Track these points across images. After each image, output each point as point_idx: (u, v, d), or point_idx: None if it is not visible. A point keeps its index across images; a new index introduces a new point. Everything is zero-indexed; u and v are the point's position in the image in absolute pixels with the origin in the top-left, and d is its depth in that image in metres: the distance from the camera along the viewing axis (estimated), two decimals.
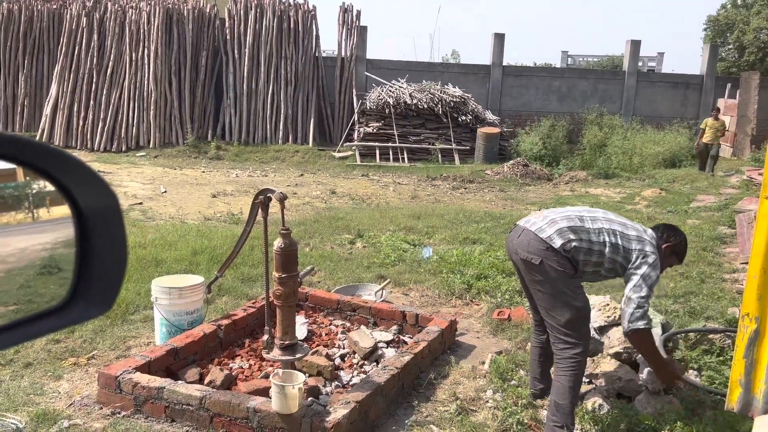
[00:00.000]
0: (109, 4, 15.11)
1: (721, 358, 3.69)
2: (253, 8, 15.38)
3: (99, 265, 0.73)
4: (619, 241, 2.93)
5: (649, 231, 3.10)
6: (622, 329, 2.91)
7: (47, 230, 0.88)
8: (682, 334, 3.96)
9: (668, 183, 12.15)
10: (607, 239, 2.93)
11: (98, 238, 0.72)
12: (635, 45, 17.32)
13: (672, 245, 3.13)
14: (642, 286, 2.83)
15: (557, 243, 2.88)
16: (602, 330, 3.97)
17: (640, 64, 21.16)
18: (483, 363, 3.92)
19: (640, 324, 2.80)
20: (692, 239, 7.15)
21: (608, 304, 4.09)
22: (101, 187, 0.70)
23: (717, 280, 5.63)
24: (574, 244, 2.90)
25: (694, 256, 6.35)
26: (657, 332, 3.85)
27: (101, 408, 3.15)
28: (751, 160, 14.26)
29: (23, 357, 3.67)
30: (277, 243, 3.08)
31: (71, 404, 3.19)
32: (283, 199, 3.08)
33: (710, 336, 3.91)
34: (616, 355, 3.61)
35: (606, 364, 3.55)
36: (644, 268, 2.85)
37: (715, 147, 13.24)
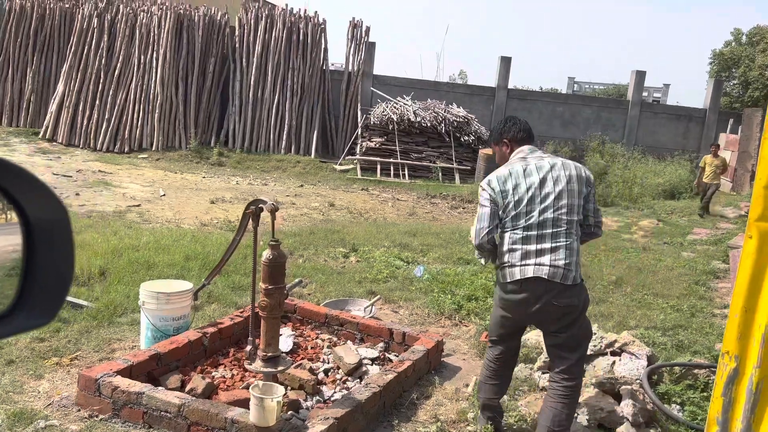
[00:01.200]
0: (121, 6, 15.24)
1: (704, 393, 3.68)
2: (263, 18, 15.51)
3: (43, 278, 0.73)
4: (578, 201, 2.97)
5: (568, 163, 3.05)
6: (597, 234, 3.14)
7: (19, 232, 0.89)
8: (668, 368, 3.95)
9: (666, 214, 12.16)
10: (579, 213, 2.98)
11: (45, 250, 0.73)
12: (640, 75, 17.43)
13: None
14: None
15: (580, 272, 2.96)
16: (588, 359, 3.97)
17: (645, 94, 21.29)
18: (467, 385, 3.90)
19: None
20: (686, 272, 7.16)
21: (595, 334, 4.09)
22: (52, 200, 0.70)
23: (707, 314, 5.62)
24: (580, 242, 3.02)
25: (686, 290, 6.35)
26: (642, 364, 3.85)
27: (79, 410, 3.14)
28: (749, 196, 14.29)
29: (6, 354, 3.67)
30: (266, 254, 3.09)
31: (50, 404, 3.18)
32: (274, 210, 3.10)
33: (695, 371, 3.91)
34: (599, 385, 3.60)
35: (588, 394, 3.54)
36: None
37: (713, 187, 11.94)
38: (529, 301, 2.89)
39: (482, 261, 3.12)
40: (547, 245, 2.86)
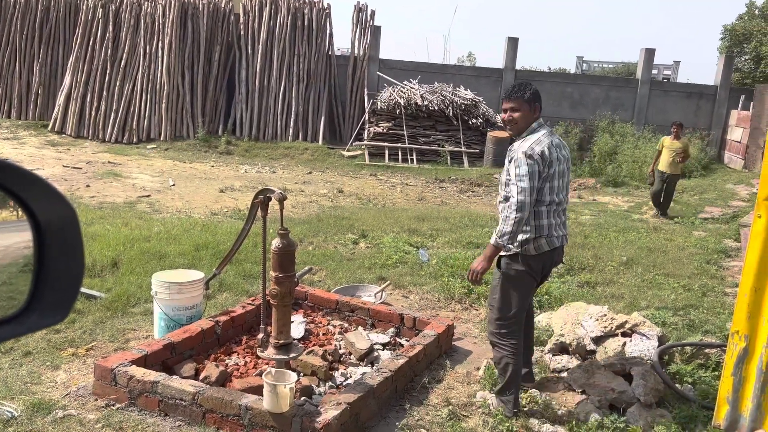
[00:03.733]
0: None
1: (716, 372, 3.68)
2: (267, 5, 15.43)
3: (55, 277, 0.75)
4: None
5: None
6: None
7: (30, 228, 0.91)
8: (679, 348, 3.96)
9: (677, 193, 12.07)
10: None
11: (56, 251, 0.74)
12: (649, 53, 17.22)
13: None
14: None
15: None
16: (598, 340, 3.98)
17: (655, 72, 21.03)
18: (478, 369, 3.93)
19: None
20: (697, 251, 7.13)
21: (605, 315, 4.10)
22: (59, 200, 0.72)
23: (719, 293, 5.60)
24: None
25: (697, 269, 6.33)
26: (653, 344, 3.85)
27: (96, 399, 3.19)
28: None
29: (23, 346, 3.73)
30: (275, 243, 3.11)
31: (67, 394, 3.24)
32: (282, 199, 3.11)
33: (706, 350, 3.91)
34: (610, 366, 3.61)
35: (599, 375, 3.55)
36: None
37: (673, 180, 9.47)
38: (552, 260, 3.32)
39: (510, 246, 3.14)
40: (563, 219, 3.30)
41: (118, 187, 9.51)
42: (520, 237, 3.12)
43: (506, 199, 3.11)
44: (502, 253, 3.19)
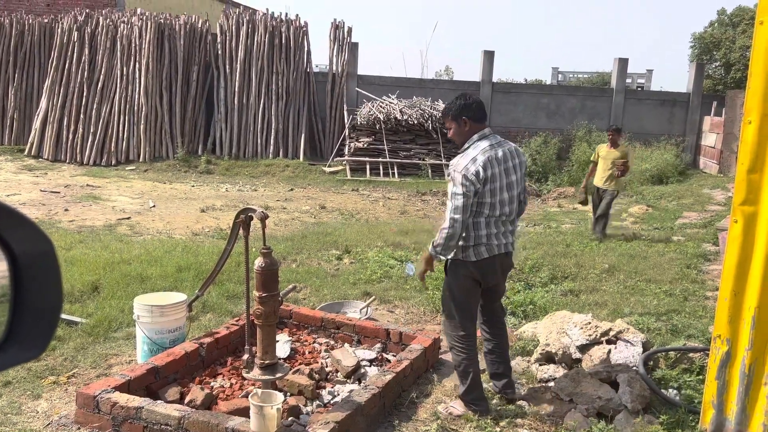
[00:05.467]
0: (100, 18, 15.14)
1: (700, 377, 3.71)
2: (244, 24, 15.46)
3: (33, 311, 0.74)
4: (523, 185, 3.49)
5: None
6: (524, 208, 3.57)
7: (5, 262, 0.89)
8: (663, 353, 3.99)
9: (655, 199, 12.25)
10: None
11: (33, 284, 0.73)
12: (623, 63, 17.51)
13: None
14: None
15: None
16: (584, 348, 4.00)
17: (629, 81, 21.36)
18: None
19: None
20: (677, 256, 7.21)
21: (590, 323, 4.12)
22: (36, 233, 0.71)
23: (700, 298, 5.67)
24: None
25: (677, 274, 6.40)
26: (638, 350, 3.88)
27: (79, 428, 3.13)
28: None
29: (2, 375, 3.65)
30: (258, 262, 3.09)
31: (48, 424, 3.17)
32: (264, 218, 3.10)
33: (690, 355, 3.95)
34: (596, 374, 3.62)
35: (586, 383, 3.56)
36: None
37: (609, 194, 7.81)
38: (495, 266, 3.36)
39: (442, 256, 3.29)
40: (508, 228, 3.37)
41: (98, 210, 9.41)
42: (460, 243, 3.26)
43: None
44: (449, 257, 3.33)
